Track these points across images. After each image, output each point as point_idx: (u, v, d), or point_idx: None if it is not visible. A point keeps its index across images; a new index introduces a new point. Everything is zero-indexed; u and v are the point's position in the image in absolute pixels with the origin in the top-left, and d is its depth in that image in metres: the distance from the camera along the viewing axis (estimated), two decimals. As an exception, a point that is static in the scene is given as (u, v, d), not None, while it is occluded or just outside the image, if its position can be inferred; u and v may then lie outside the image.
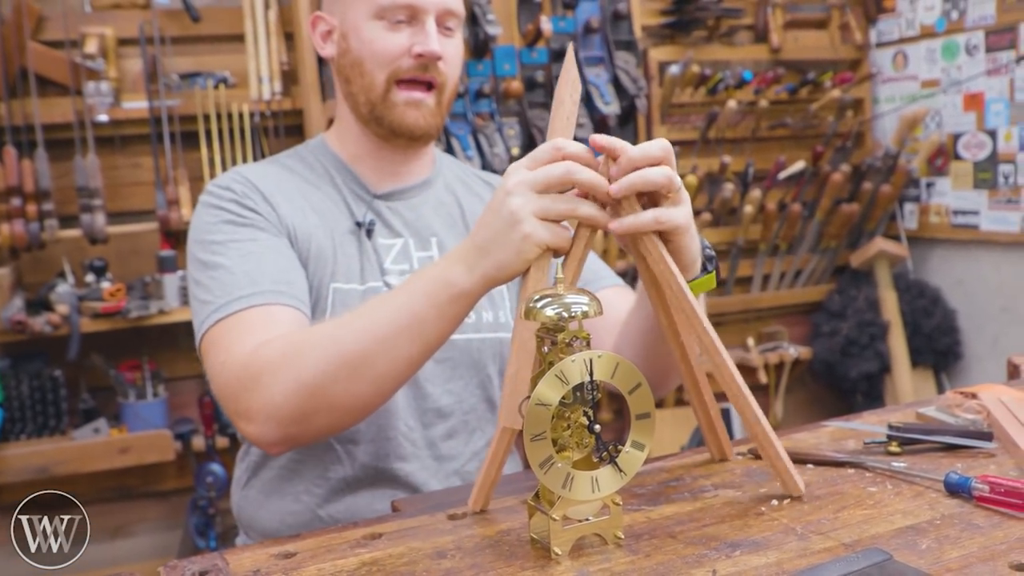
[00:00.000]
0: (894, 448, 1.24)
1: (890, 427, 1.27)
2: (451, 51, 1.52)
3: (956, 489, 1.06)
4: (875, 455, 1.23)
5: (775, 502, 1.08)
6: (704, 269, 1.19)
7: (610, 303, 1.50)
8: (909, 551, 0.92)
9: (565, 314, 0.92)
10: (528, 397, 0.92)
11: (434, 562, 0.96)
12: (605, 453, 0.94)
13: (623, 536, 0.98)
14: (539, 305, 0.93)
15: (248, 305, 1.34)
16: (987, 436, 1.25)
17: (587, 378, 0.90)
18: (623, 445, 0.95)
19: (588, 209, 1.05)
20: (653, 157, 1.04)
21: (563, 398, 0.92)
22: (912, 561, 0.89)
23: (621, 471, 0.94)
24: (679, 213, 1.07)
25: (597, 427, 0.93)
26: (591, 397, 0.93)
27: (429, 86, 1.51)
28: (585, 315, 0.93)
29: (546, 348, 0.96)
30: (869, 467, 1.18)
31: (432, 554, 0.98)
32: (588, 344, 0.95)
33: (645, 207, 1.07)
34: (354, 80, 1.52)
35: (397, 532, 1.06)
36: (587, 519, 0.96)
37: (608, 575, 0.90)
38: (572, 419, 0.94)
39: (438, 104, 1.53)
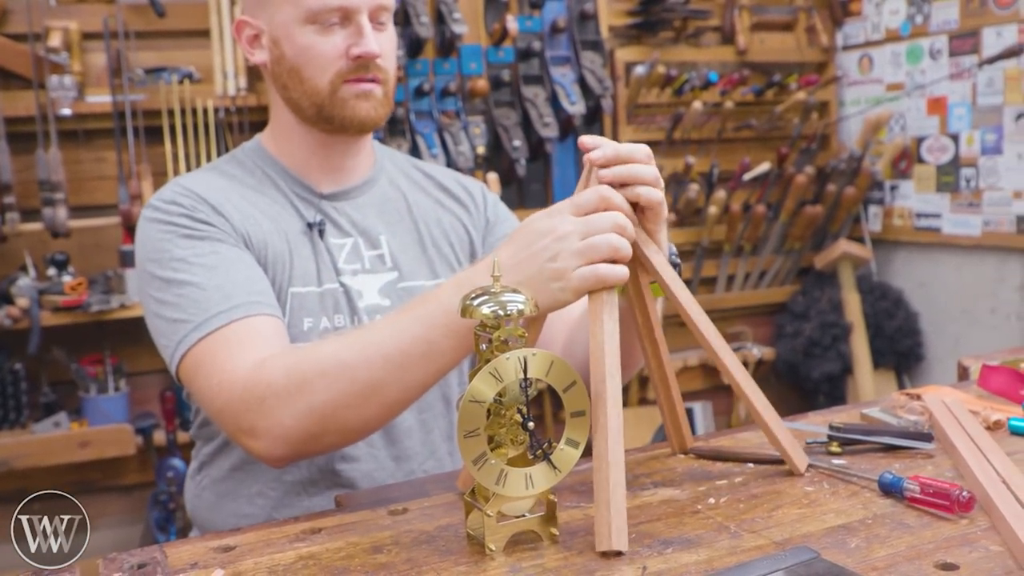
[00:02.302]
0: (835, 448, 1.25)
1: (831, 427, 1.29)
2: (387, 46, 1.51)
3: (889, 489, 1.08)
4: (816, 455, 1.25)
5: (712, 500, 1.09)
6: None
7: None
8: (838, 550, 0.93)
9: (501, 312, 0.93)
10: None
11: (370, 557, 0.97)
12: (539, 450, 0.95)
13: (558, 533, 0.99)
14: (475, 303, 0.94)
15: (228, 320, 1.31)
16: (927, 437, 1.27)
17: (521, 375, 0.91)
18: (558, 442, 0.96)
19: (626, 251, 1.08)
20: (638, 156, 1.11)
21: (499, 395, 0.93)
22: (840, 559, 0.91)
23: (555, 468, 0.95)
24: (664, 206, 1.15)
25: (531, 424, 0.94)
26: (525, 395, 0.94)
27: (372, 82, 1.50)
28: (521, 313, 0.94)
29: (483, 346, 0.97)
30: (808, 466, 1.20)
31: (369, 549, 0.99)
32: (525, 342, 0.96)
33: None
34: (293, 87, 1.49)
35: (337, 527, 1.07)
36: (523, 515, 0.97)
37: (540, 571, 0.91)
38: (508, 416, 0.95)
39: (385, 95, 1.52)
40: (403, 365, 1.17)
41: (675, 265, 1.23)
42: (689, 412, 3.92)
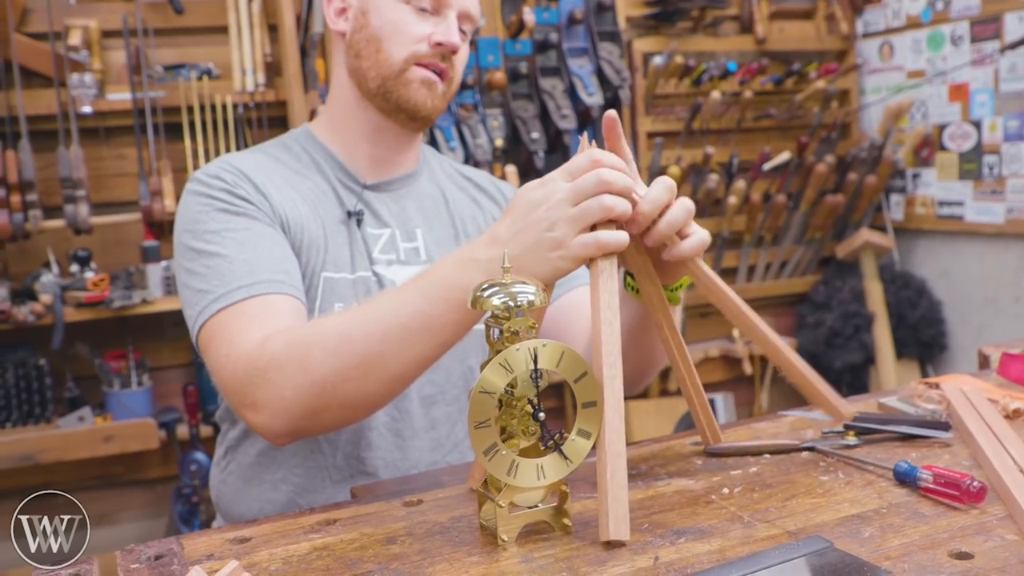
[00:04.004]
0: (851, 437, 1.25)
1: (847, 416, 1.28)
2: (463, 51, 1.55)
3: (904, 478, 1.07)
4: (832, 444, 1.24)
5: (726, 490, 1.09)
6: None
7: (584, 302, 1.51)
8: (851, 539, 0.93)
9: (511, 303, 0.93)
10: None
11: (384, 547, 0.97)
12: (551, 441, 0.95)
13: (571, 523, 0.99)
14: (486, 294, 0.94)
15: (249, 295, 1.33)
16: (944, 426, 1.26)
17: (531, 366, 0.92)
18: (569, 433, 0.96)
19: (621, 207, 1.07)
20: (663, 205, 1.10)
21: (510, 385, 0.93)
22: (853, 549, 0.90)
23: (567, 459, 0.96)
24: (704, 232, 1.15)
25: (542, 415, 0.94)
26: (536, 385, 0.94)
27: (440, 75, 1.53)
28: (531, 304, 0.94)
29: (494, 336, 0.97)
30: (823, 456, 1.20)
31: (383, 540, 1.00)
32: (535, 333, 0.96)
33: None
34: (367, 56, 1.51)
35: (352, 518, 1.07)
36: (535, 506, 0.98)
37: (552, 561, 0.91)
38: (519, 407, 0.96)
39: (444, 94, 1.55)
40: (403, 339, 1.17)
41: None
42: (710, 403, 3.90)
